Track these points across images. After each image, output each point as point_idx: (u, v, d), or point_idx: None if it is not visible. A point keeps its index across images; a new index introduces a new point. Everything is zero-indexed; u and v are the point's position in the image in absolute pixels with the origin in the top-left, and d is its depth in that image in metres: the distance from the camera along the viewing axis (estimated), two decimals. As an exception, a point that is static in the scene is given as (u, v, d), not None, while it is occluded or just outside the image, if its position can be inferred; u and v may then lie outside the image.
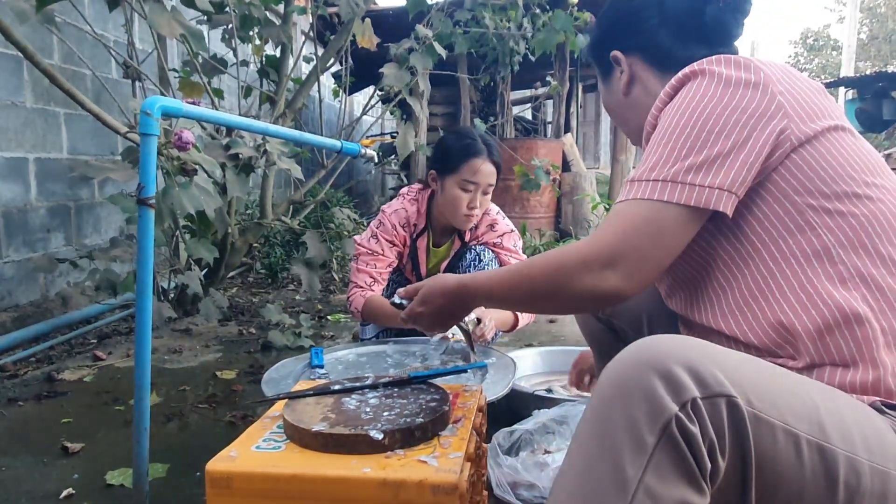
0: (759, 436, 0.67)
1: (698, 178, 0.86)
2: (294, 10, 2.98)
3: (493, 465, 1.33)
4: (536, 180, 3.61)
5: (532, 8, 3.45)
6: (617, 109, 1.17)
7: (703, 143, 0.87)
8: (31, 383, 2.13)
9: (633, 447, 0.65)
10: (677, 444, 0.65)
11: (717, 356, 0.70)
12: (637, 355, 0.70)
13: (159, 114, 1.27)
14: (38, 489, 1.45)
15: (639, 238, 0.88)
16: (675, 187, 0.87)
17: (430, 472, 0.88)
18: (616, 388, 0.69)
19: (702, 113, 0.89)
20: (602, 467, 0.67)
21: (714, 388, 0.66)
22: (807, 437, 0.70)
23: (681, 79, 0.94)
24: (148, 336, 1.30)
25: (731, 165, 0.86)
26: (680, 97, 0.93)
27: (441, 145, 2.13)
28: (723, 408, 0.66)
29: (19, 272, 2.74)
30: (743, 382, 0.68)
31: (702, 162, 0.87)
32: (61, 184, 2.99)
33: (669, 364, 0.67)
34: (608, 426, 0.67)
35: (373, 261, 2.13)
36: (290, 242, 4.32)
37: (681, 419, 0.65)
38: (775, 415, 0.69)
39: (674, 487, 0.65)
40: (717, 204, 0.86)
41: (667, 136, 0.91)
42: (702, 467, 0.65)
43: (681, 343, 0.71)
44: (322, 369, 1.74)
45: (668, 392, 0.66)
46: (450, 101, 6.04)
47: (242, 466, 0.92)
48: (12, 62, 2.65)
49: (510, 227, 2.19)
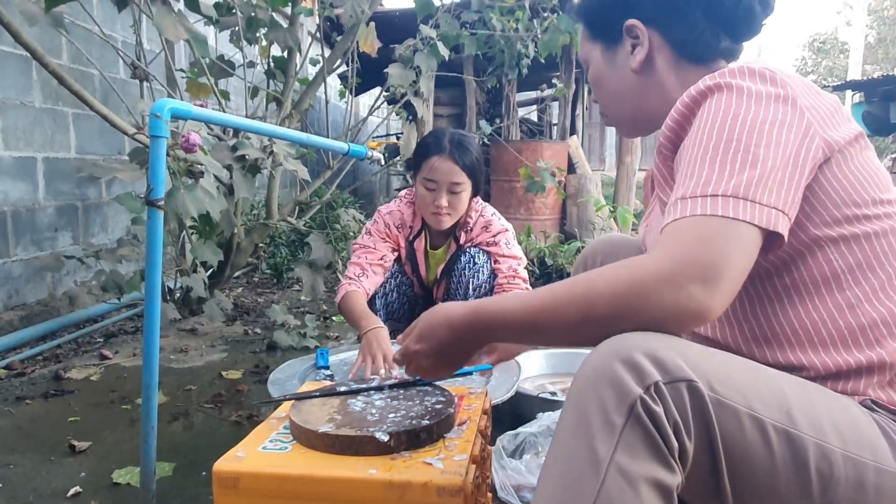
0: (723, 419, 0.71)
1: (757, 193, 0.78)
2: (301, 13, 2.99)
3: (498, 468, 1.34)
4: (542, 182, 3.61)
5: (539, 11, 3.46)
6: (614, 87, 1.04)
7: (755, 157, 0.79)
8: (39, 381, 2.15)
9: (603, 428, 0.69)
10: (644, 423, 0.68)
11: (680, 347, 0.73)
12: (606, 347, 0.74)
13: (169, 116, 1.28)
14: (45, 487, 1.46)
15: (723, 250, 0.76)
16: (738, 203, 0.77)
17: (435, 474, 0.89)
18: (587, 377, 0.73)
19: (744, 125, 0.81)
20: (577, 449, 0.71)
21: (675, 374, 0.70)
22: (773, 423, 0.72)
23: (702, 91, 0.86)
24: (156, 336, 1.31)
25: (784, 185, 0.80)
26: (709, 111, 0.85)
27: (416, 147, 2.17)
28: (684, 391, 0.70)
29: (27, 271, 2.75)
30: (705, 370, 0.72)
31: (759, 175, 0.78)
32: (69, 183, 3.01)
33: (634, 353, 0.71)
34: (581, 411, 0.72)
35: (364, 253, 2.14)
36: (295, 243, 4.33)
37: (645, 400, 0.69)
38: (740, 400, 0.72)
39: (643, 464, 0.68)
40: (776, 224, 0.78)
41: (706, 151, 0.82)
42: (669, 446, 0.69)
43: (646, 336, 0.74)
44: (327, 370, 1.75)
45: (633, 378, 0.70)
46: (456, 102, 6.04)
47: (249, 466, 0.93)
48: (21, 62, 2.67)
49: (504, 227, 2.19)
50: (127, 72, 3.12)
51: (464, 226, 2.17)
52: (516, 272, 2.16)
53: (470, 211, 2.17)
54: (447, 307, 0.90)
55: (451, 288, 2.15)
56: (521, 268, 2.19)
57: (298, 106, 3.07)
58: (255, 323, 2.96)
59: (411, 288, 2.28)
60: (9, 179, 2.65)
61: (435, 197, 2.04)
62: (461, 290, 2.11)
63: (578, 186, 5.13)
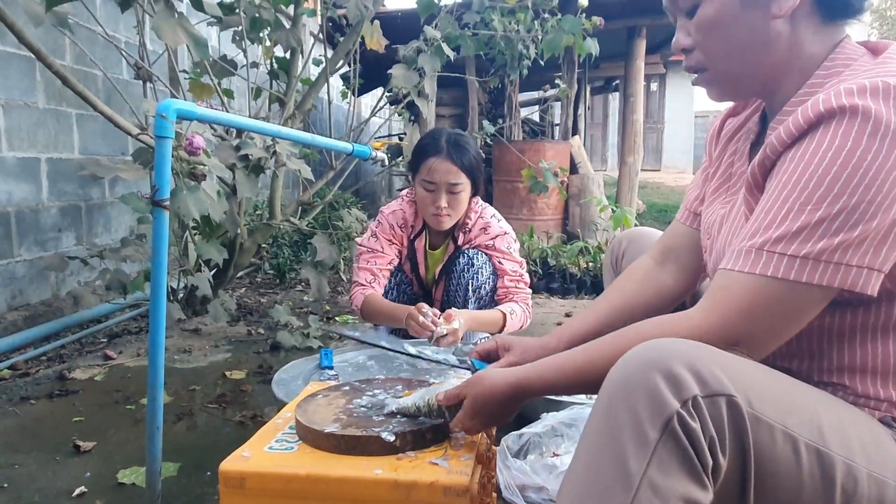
0: (759, 435, 0.69)
1: (846, 255, 0.73)
2: (304, 13, 2.99)
3: (502, 468, 1.34)
4: (544, 182, 3.61)
5: (541, 12, 3.46)
6: (741, 35, 0.86)
7: (862, 214, 0.72)
8: (43, 382, 2.15)
9: (636, 442, 0.67)
10: (679, 439, 0.66)
11: (720, 358, 0.71)
12: (642, 356, 0.71)
13: (174, 116, 1.28)
14: (50, 487, 1.47)
15: (771, 320, 0.76)
16: (817, 266, 0.74)
17: (441, 474, 0.89)
18: (621, 386, 0.70)
19: (857, 170, 0.72)
20: (607, 462, 0.68)
21: (714, 388, 0.67)
22: (805, 441, 0.71)
23: (823, 114, 0.76)
24: (161, 336, 1.31)
25: (887, 242, 0.74)
26: (827, 141, 0.75)
27: (414, 148, 2.17)
28: (723, 406, 0.67)
29: (31, 271, 2.76)
30: (744, 384, 0.69)
31: (857, 238, 0.73)
32: (73, 184, 3.01)
33: (672, 363, 0.68)
34: (613, 423, 0.69)
35: (373, 258, 2.15)
36: (298, 243, 4.34)
37: (682, 416, 0.66)
38: (775, 417, 0.70)
39: (677, 481, 0.66)
40: (864, 286, 0.74)
41: (810, 196, 0.74)
42: (703, 463, 0.67)
43: (684, 345, 0.72)
44: (331, 370, 1.75)
45: (671, 390, 0.67)
46: (458, 102, 6.05)
47: (255, 466, 0.93)
48: (25, 63, 2.68)
49: (504, 230, 2.19)
50: (130, 72, 3.12)
51: (462, 227, 2.18)
52: (521, 277, 2.17)
53: (469, 212, 2.17)
54: (490, 380, 0.93)
55: (451, 289, 2.15)
56: (524, 272, 2.19)
57: (301, 106, 3.07)
58: (258, 323, 2.97)
59: (411, 287, 2.28)
60: (12, 180, 2.66)
61: (434, 198, 2.04)
62: (460, 292, 2.11)
63: (581, 187, 5.13)
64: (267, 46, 3.06)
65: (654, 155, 14.58)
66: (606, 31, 3.75)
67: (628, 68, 5.52)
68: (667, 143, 14.77)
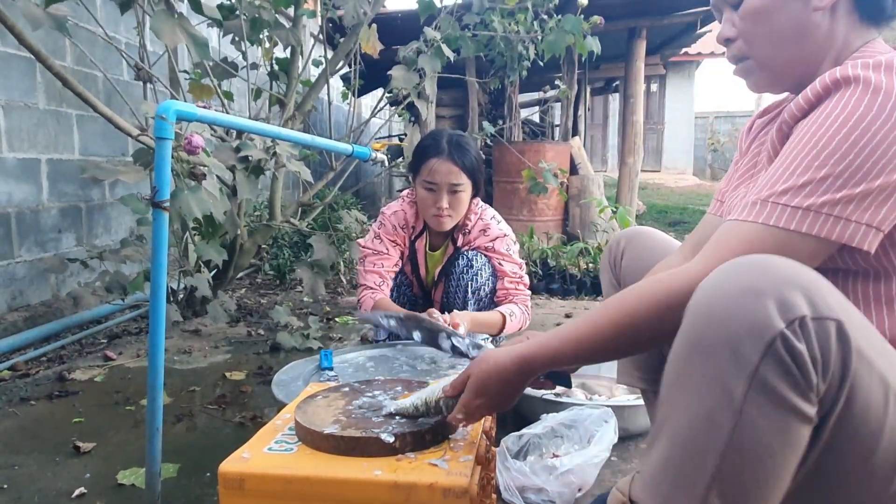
0: (859, 369, 0.67)
1: (847, 210, 0.76)
2: (304, 14, 2.99)
3: (502, 469, 1.34)
4: (544, 183, 3.61)
5: (541, 13, 3.46)
6: (785, 23, 0.91)
7: (866, 173, 0.76)
8: (43, 383, 2.15)
9: (736, 365, 0.66)
10: (783, 360, 0.65)
11: (828, 286, 0.69)
12: (741, 278, 0.68)
13: (174, 118, 1.28)
14: (50, 488, 1.47)
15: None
16: (818, 218, 0.76)
17: (440, 475, 0.89)
18: (715, 309, 0.68)
19: (865, 133, 0.77)
20: (706, 391, 0.68)
21: (824, 312, 0.66)
22: (895, 390, 0.70)
23: (839, 80, 0.81)
24: (161, 337, 1.31)
25: (890, 202, 0.77)
26: (840, 107, 0.79)
27: (414, 149, 2.17)
28: (832, 331, 0.66)
29: (31, 272, 2.76)
30: (850, 315, 0.68)
31: (859, 195, 0.76)
32: (73, 185, 3.01)
33: (782, 285, 0.67)
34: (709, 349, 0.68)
35: (379, 260, 2.15)
36: (298, 244, 4.34)
37: (786, 336, 0.65)
38: (875, 358, 0.69)
39: (783, 397, 0.66)
40: (861, 241, 0.77)
41: (817, 154, 0.78)
42: (809, 383, 0.66)
43: (794, 266, 0.69)
44: (331, 371, 1.75)
45: (778, 309, 0.66)
46: (458, 103, 6.05)
47: (255, 468, 0.93)
48: (25, 64, 2.68)
49: (503, 232, 2.19)
50: (130, 73, 3.12)
51: (462, 228, 2.18)
52: (521, 278, 2.17)
53: (469, 213, 2.17)
54: (495, 359, 0.93)
55: (450, 290, 2.15)
56: (524, 273, 2.19)
57: (301, 107, 3.07)
58: (258, 324, 2.97)
59: (411, 289, 2.28)
60: (13, 181, 2.66)
61: (436, 199, 2.04)
62: (460, 293, 2.11)
63: (581, 188, 5.13)
64: (266, 48, 3.06)
65: (654, 156, 14.57)
66: (606, 32, 3.76)
67: (628, 69, 5.52)
68: (667, 144, 14.77)
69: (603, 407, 1.51)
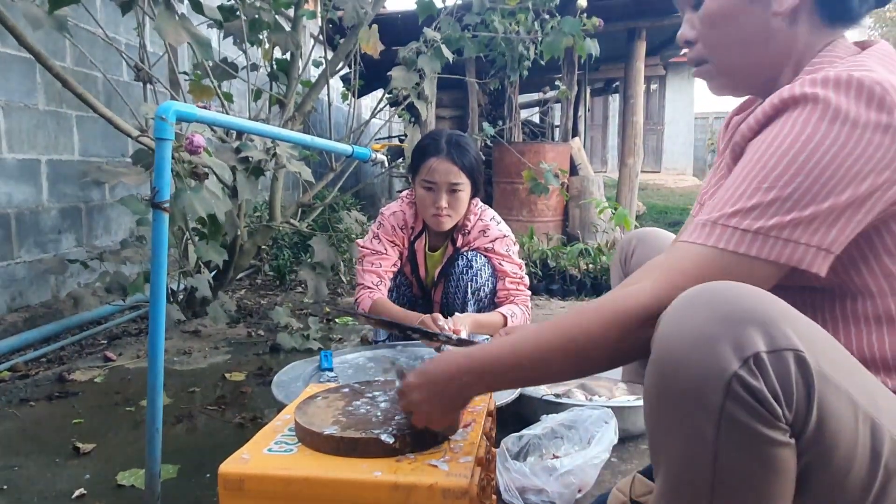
0: (825, 395, 0.67)
1: (796, 233, 0.75)
2: (304, 15, 2.99)
3: (502, 470, 1.34)
4: (545, 183, 3.61)
5: (541, 14, 3.46)
6: (744, 29, 0.90)
7: (815, 195, 0.75)
8: (43, 383, 2.15)
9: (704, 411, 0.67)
10: (742, 399, 0.66)
11: (788, 312, 0.69)
12: (700, 301, 0.69)
13: (174, 118, 1.28)
14: (50, 489, 1.47)
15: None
16: (766, 241, 0.76)
17: (440, 476, 0.89)
18: (681, 338, 0.69)
19: (813, 155, 0.75)
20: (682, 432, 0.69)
21: (781, 343, 0.66)
22: (864, 409, 0.70)
23: (793, 99, 0.79)
24: (161, 338, 1.31)
25: (838, 224, 0.76)
26: (788, 127, 0.78)
27: (413, 149, 2.17)
28: (790, 361, 0.66)
29: (31, 273, 2.76)
30: (811, 341, 0.68)
31: (808, 218, 0.75)
32: (73, 185, 3.01)
33: (734, 316, 0.67)
34: (676, 385, 0.69)
35: (377, 260, 2.14)
36: (297, 245, 4.34)
37: (742, 377, 0.65)
38: (840, 380, 0.69)
39: (754, 433, 0.66)
40: (811, 264, 0.76)
41: (766, 176, 0.77)
42: (774, 415, 0.66)
43: (749, 292, 0.69)
44: (331, 372, 1.75)
45: (732, 348, 0.66)
46: (458, 104, 6.05)
47: (255, 468, 0.93)
48: (25, 65, 2.68)
49: (503, 233, 2.18)
50: (130, 74, 3.12)
51: (461, 228, 2.17)
52: (521, 279, 2.17)
53: (468, 214, 2.16)
54: (450, 353, 0.92)
55: (450, 291, 2.15)
56: (524, 274, 2.19)
57: (301, 108, 3.07)
58: (258, 325, 2.97)
59: (410, 289, 2.28)
60: (13, 182, 2.66)
61: (435, 198, 2.04)
62: (459, 294, 2.11)
63: (581, 188, 5.14)
64: (266, 49, 3.07)
65: (654, 156, 14.58)
66: (606, 33, 3.76)
67: (628, 70, 5.52)
68: (667, 145, 14.78)
69: (603, 408, 1.51)
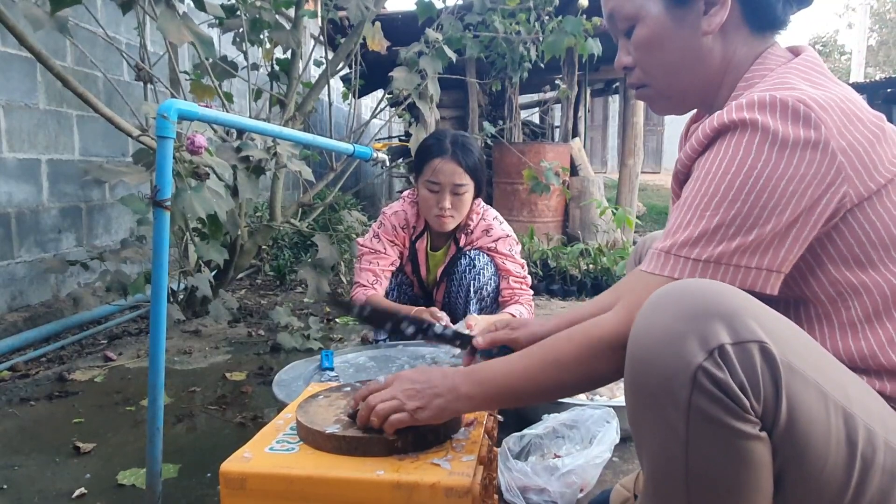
0: (793, 386, 0.69)
1: (744, 259, 0.78)
2: (304, 15, 2.99)
3: (503, 470, 1.33)
4: (546, 183, 3.61)
5: (542, 14, 3.46)
6: (676, 52, 0.91)
7: (756, 219, 0.77)
8: (43, 383, 2.15)
9: (673, 404, 0.70)
10: (709, 391, 0.68)
11: (753, 306, 0.71)
12: (669, 299, 0.72)
13: (176, 117, 1.28)
14: (50, 488, 1.46)
15: None
16: (718, 269, 0.78)
17: (443, 475, 0.88)
18: (649, 336, 0.72)
19: (749, 178, 0.78)
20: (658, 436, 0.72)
21: (745, 335, 0.68)
22: (834, 399, 0.71)
23: (724, 125, 0.81)
24: (162, 337, 1.31)
25: (784, 244, 0.78)
26: (723, 152, 0.80)
27: (417, 149, 2.16)
28: (755, 353, 0.68)
29: (31, 272, 2.76)
30: (777, 333, 0.70)
31: (753, 242, 0.78)
32: (73, 185, 3.01)
33: (701, 312, 0.69)
34: (646, 381, 0.72)
35: (375, 259, 2.14)
36: (298, 245, 4.34)
37: (707, 369, 0.67)
38: (808, 370, 0.70)
39: (723, 424, 0.68)
40: (763, 286, 0.79)
41: (708, 202, 0.80)
42: (742, 406, 0.68)
43: (716, 288, 0.72)
44: (332, 371, 1.75)
45: (697, 341, 0.68)
46: (458, 104, 6.05)
47: (256, 467, 0.92)
48: (26, 64, 2.68)
49: (506, 232, 2.18)
50: (131, 74, 3.12)
51: (464, 228, 2.17)
52: (524, 278, 2.17)
53: (471, 213, 2.16)
54: (436, 367, 1.00)
55: (452, 290, 2.15)
56: (527, 273, 2.20)
57: (302, 108, 3.07)
58: (258, 325, 2.96)
59: (412, 288, 2.28)
60: (13, 181, 2.66)
61: (438, 199, 2.04)
62: (462, 293, 2.11)
63: (581, 189, 5.13)
64: (267, 49, 3.06)
65: (653, 157, 14.59)
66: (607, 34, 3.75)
67: (629, 70, 5.51)
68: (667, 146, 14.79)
69: (604, 407, 1.51)
